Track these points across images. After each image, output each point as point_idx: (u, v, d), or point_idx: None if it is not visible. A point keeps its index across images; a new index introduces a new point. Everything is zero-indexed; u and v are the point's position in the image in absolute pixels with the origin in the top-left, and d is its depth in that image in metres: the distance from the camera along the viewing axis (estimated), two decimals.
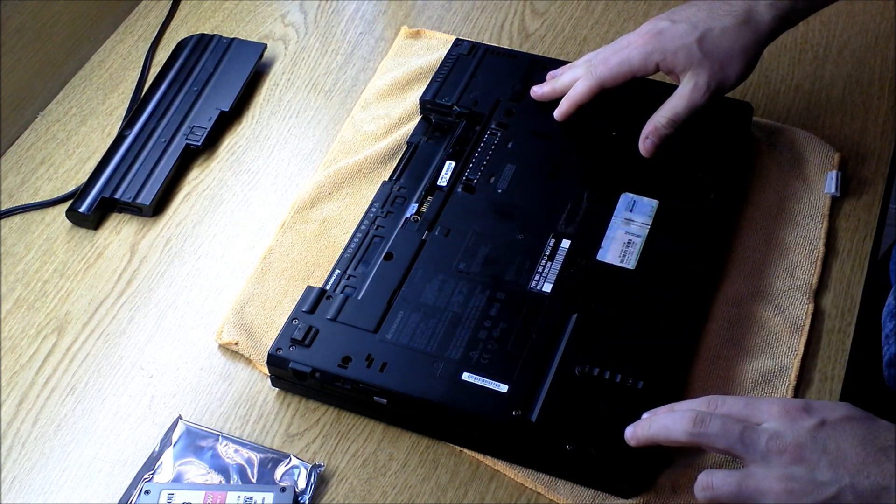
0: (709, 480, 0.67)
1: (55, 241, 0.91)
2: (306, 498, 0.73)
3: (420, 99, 0.96)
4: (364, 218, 0.87)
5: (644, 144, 0.86)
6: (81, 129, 0.99)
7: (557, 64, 0.98)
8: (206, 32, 1.06)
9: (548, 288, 0.81)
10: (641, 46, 0.85)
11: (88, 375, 0.82)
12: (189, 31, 1.08)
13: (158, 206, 0.93)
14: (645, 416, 0.71)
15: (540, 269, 0.82)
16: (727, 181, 0.88)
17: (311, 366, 0.77)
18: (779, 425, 0.65)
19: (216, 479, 0.74)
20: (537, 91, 0.93)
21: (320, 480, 0.75)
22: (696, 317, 0.81)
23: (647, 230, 0.84)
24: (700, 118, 0.90)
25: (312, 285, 0.82)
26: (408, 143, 0.94)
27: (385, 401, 0.76)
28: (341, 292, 0.81)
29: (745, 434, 0.66)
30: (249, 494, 0.72)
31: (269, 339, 0.81)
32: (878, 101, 0.98)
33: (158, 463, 0.75)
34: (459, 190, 0.88)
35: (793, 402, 0.67)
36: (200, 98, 0.99)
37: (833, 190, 0.90)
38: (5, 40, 0.96)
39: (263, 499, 0.72)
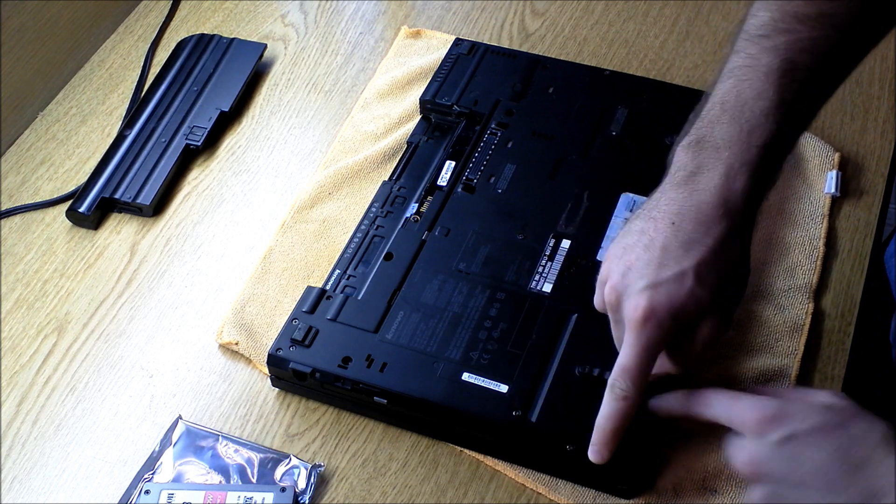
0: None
1: (55, 241, 0.91)
2: (306, 498, 0.73)
3: (420, 99, 0.96)
4: (364, 218, 0.87)
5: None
6: (81, 129, 0.99)
7: (557, 64, 0.98)
8: (206, 32, 1.06)
9: (548, 288, 0.81)
10: (644, 327, 0.67)
11: (88, 375, 0.82)
12: (189, 31, 1.08)
13: (158, 206, 0.93)
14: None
15: (540, 269, 0.82)
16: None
17: (311, 366, 0.77)
18: (744, 441, 0.62)
19: (216, 479, 0.74)
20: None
21: (320, 480, 0.75)
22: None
23: None
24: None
25: (312, 285, 0.82)
26: (408, 142, 0.94)
27: (385, 401, 0.76)
28: (341, 292, 0.81)
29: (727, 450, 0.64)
30: (249, 494, 0.72)
31: (269, 339, 0.81)
32: (878, 101, 0.98)
33: (158, 463, 0.75)
34: (459, 190, 0.88)
35: (766, 407, 0.62)
36: (200, 98, 0.99)
37: (833, 190, 0.90)
38: (5, 40, 0.96)
39: (263, 499, 0.72)
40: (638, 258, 0.67)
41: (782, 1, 0.70)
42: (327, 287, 0.82)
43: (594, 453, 0.68)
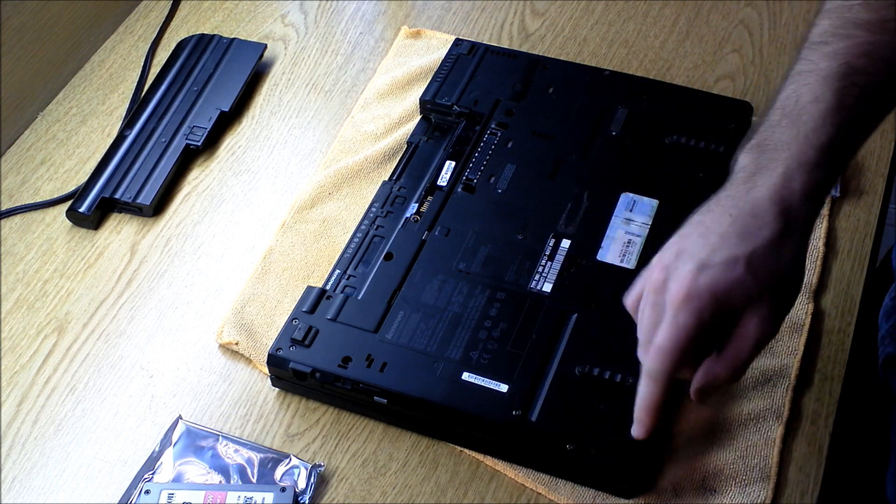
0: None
1: (55, 241, 0.91)
2: (306, 498, 0.73)
3: (420, 99, 0.96)
4: (364, 218, 0.87)
5: (697, 396, 0.69)
6: (81, 129, 0.99)
7: (557, 64, 0.98)
8: (206, 32, 1.06)
9: (548, 288, 0.81)
10: (685, 306, 0.66)
11: (88, 375, 0.82)
12: (189, 31, 1.08)
13: (158, 206, 0.93)
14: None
15: (540, 269, 0.82)
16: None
17: (311, 366, 0.77)
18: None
19: (216, 479, 0.74)
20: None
21: (320, 480, 0.75)
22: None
23: (647, 230, 0.84)
24: (700, 118, 0.91)
25: (312, 285, 0.82)
26: (408, 142, 0.94)
27: (385, 401, 0.76)
28: (341, 292, 0.81)
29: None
30: (249, 494, 0.72)
31: (269, 339, 0.81)
32: None
33: (158, 463, 0.75)
34: (459, 190, 0.88)
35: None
36: (200, 98, 0.99)
37: (833, 190, 0.90)
38: (5, 40, 0.96)
39: (263, 499, 0.72)
40: (693, 243, 0.68)
41: (843, 9, 0.71)
42: (327, 287, 0.82)
43: (634, 430, 0.69)
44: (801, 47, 0.72)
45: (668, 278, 0.67)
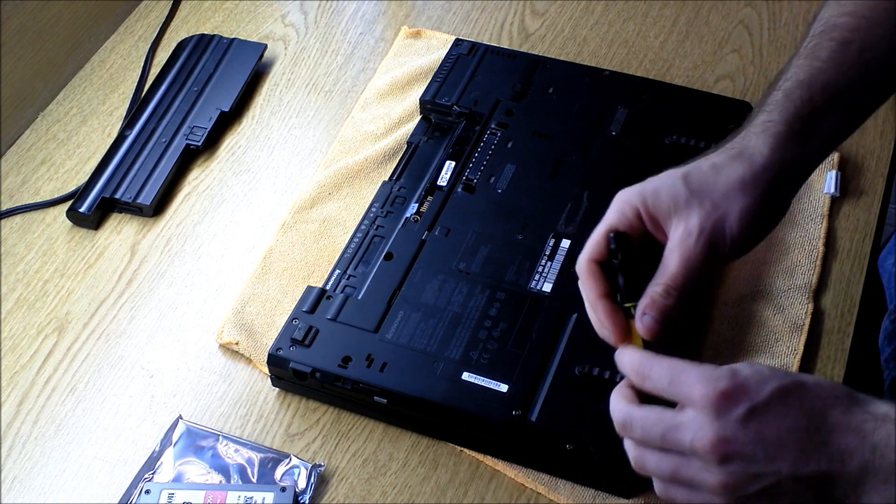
0: (641, 459, 0.62)
1: (55, 241, 0.91)
2: (306, 498, 0.73)
3: (420, 99, 0.96)
4: (364, 218, 0.87)
5: (643, 322, 0.65)
6: (82, 129, 1.00)
7: (558, 64, 0.98)
8: (206, 32, 1.06)
9: (548, 288, 0.81)
10: (613, 206, 0.69)
11: (88, 375, 0.82)
12: (189, 31, 1.08)
13: (158, 206, 0.93)
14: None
15: (540, 269, 0.82)
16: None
17: (311, 366, 0.77)
18: (703, 419, 0.59)
19: (216, 478, 0.74)
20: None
21: (320, 480, 0.75)
22: (697, 317, 0.81)
23: None
24: (700, 118, 0.91)
25: (312, 285, 0.82)
26: (408, 143, 0.94)
27: (385, 401, 0.76)
28: (341, 292, 0.81)
29: (666, 437, 0.60)
30: (249, 494, 0.72)
31: (269, 339, 0.81)
32: None
33: (159, 463, 0.75)
34: (459, 190, 0.88)
35: (718, 381, 0.59)
36: (200, 98, 0.99)
37: (833, 190, 0.90)
38: (5, 40, 0.96)
39: (263, 499, 0.72)
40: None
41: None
42: (327, 287, 0.82)
43: (610, 340, 0.67)
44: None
45: None
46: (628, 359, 0.64)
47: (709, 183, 0.66)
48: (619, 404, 0.63)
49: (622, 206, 0.67)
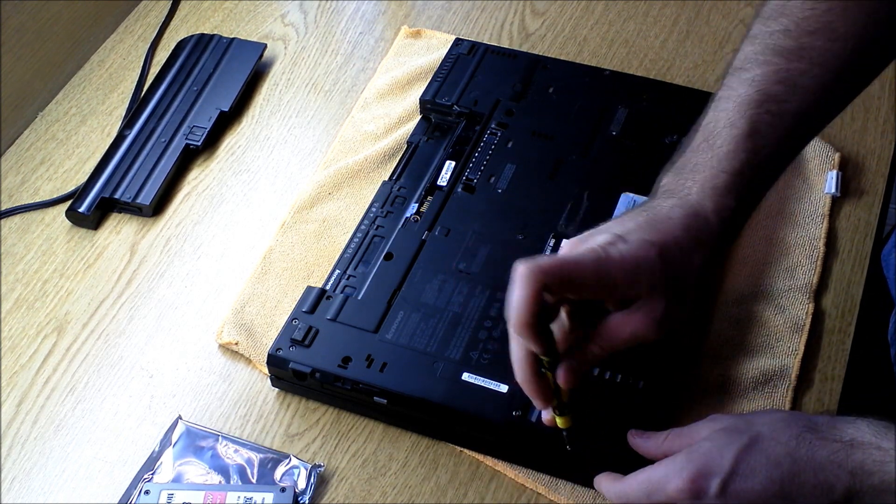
0: None
1: (55, 241, 0.91)
2: (306, 498, 0.73)
3: (420, 99, 0.96)
4: (364, 218, 0.87)
5: (566, 376, 0.66)
6: (81, 128, 0.99)
7: (558, 64, 0.98)
8: (205, 32, 1.06)
9: None
10: (582, 253, 0.66)
11: (88, 375, 0.82)
12: (189, 30, 1.08)
13: (158, 206, 0.93)
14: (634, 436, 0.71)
15: None
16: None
17: (311, 366, 0.77)
18: None
19: (216, 479, 0.74)
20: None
21: (320, 480, 0.75)
22: (697, 317, 0.81)
23: None
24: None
25: (312, 285, 0.82)
26: (408, 142, 0.94)
27: (385, 401, 0.76)
28: (341, 292, 0.81)
29: None
30: (249, 494, 0.72)
31: (269, 339, 0.81)
32: (878, 101, 0.98)
33: (158, 463, 0.75)
34: (459, 190, 0.88)
35: (683, 471, 0.63)
36: (200, 98, 0.99)
37: (833, 190, 0.90)
38: (5, 40, 0.96)
39: (263, 499, 0.72)
40: (606, 227, 0.68)
41: (765, 35, 0.71)
42: (327, 287, 0.82)
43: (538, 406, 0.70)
44: (724, 73, 0.73)
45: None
46: (605, 489, 0.70)
47: (683, 268, 0.66)
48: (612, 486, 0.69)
49: (605, 273, 0.64)
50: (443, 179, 0.89)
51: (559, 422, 0.69)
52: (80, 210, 0.90)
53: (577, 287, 0.64)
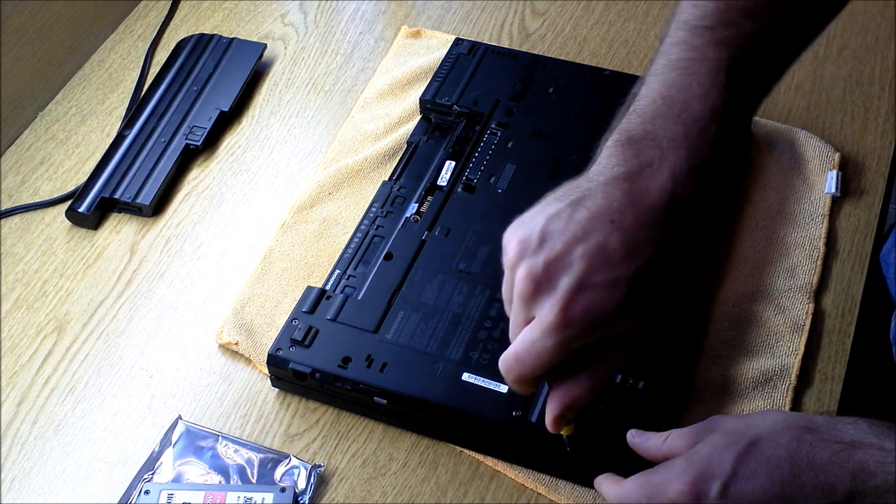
0: None
1: (55, 241, 0.91)
2: (306, 498, 0.73)
3: (420, 98, 0.96)
4: (364, 218, 0.87)
5: (555, 423, 0.68)
6: (81, 128, 0.99)
7: (558, 64, 0.98)
8: (205, 32, 1.06)
9: None
10: (557, 333, 0.62)
11: (88, 375, 0.82)
12: (189, 30, 1.08)
13: (158, 206, 0.93)
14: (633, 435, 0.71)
15: None
16: (727, 181, 0.88)
17: (311, 366, 0.77)
18: None
19: (216, 479, 0.74)
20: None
21: (320, 480, 0.75)
22: (697, 317, 0.81)
23: None
24: None
25: (312, 285, 0.82)
26: (408, 142, 0.94)
27: (385, 401, 0.76)
28: (341, 292, 0.81)
29: None
30: (249, 494, 0.72)
31: (269, 339, 0.81)
32: (878, 101, 0.98)
33: (158, 463, 0.75)
34: (459, 190, 0.88)
35: (683, 474, 0.63)
36: (200, 98, 0.99)
37: (833, 190, 0.90)
38: (5, 40, 0.96)
39: (263, 499, 0.72)
40: (566, 250, 0.61)
41: None
42: (327, 287, 0.82)
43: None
44: (671, 25, 0.67)
45: (540, 291, 0.61)
46: (605, 491, 0.69)
47: (656, 292, 0.64)
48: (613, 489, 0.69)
49: (569, 340, 0.62)
50: (443, 179, 0.89)
51: (563, 430, 0.69)
52: (80, 210, 0.90)
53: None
